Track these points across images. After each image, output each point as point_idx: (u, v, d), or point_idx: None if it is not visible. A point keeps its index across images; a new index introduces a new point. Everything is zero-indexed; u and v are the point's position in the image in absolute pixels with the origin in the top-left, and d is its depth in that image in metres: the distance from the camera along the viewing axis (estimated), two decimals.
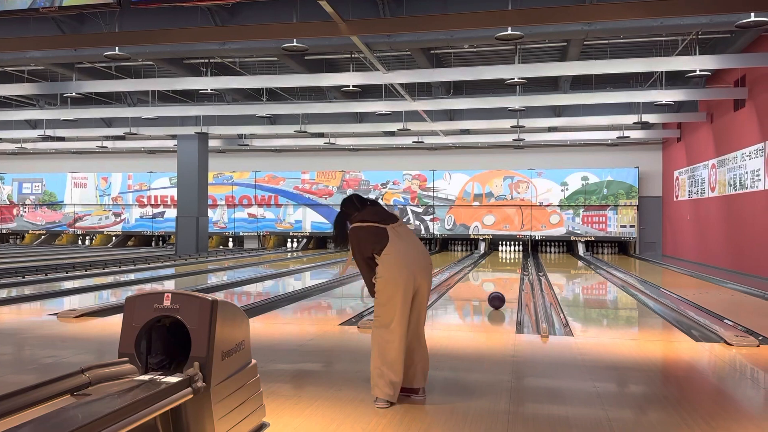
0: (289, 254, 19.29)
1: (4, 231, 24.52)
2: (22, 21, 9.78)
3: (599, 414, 3.60)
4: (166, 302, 2.58)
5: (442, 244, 21.11)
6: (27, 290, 9.42)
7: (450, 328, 6.75)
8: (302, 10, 8.73)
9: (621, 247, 20.02)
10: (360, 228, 3.98)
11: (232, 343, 2.72)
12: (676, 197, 18.09)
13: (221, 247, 22.52)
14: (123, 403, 2.10)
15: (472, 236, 20.51)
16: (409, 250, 3.89)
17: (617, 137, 17.70)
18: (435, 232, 20.65)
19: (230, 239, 22.93)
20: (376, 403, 3.71)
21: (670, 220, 18.87)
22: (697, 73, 11.80)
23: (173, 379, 2.42)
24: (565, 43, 12.07)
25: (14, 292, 9.22)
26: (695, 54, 11.29)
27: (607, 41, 12.25)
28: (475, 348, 5.57)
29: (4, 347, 5.52)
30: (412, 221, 20.84)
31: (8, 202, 24.41)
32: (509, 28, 8.61)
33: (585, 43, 11.76)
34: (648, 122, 16.61)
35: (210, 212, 20.77)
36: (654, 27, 9.79)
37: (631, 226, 19.49)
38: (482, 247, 20.22)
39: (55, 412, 2.01)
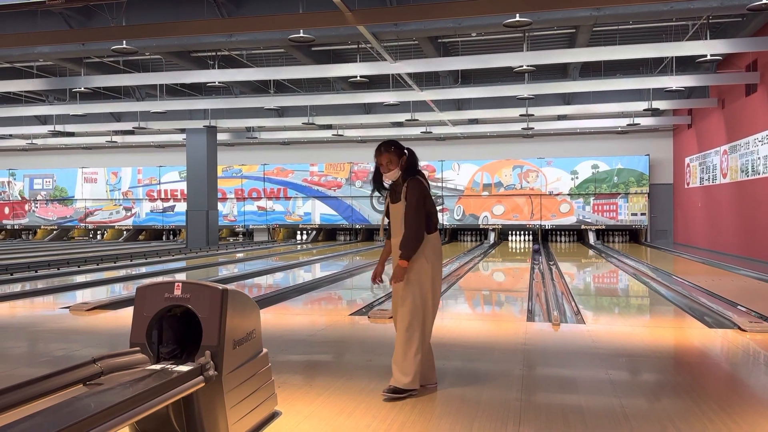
0: (299, 246, 19.33)
1: (16, 227, 24.71)
2: (30, 16, 9.81)
3: (613, 402, 3.57)
4: (177, 292, 2.57)
5: (452, 234, 21.07)
6: (40, 284, 9.48)
7: (460, 318, 6.74)
8: (308, 0, 8.69)
9: (632, 235, 19.90)
10: (426, 184, 3.88)
11: (243, 332, 2.72)
12: (688, 184, 17.94)
13: (231, 239, 22.59)
14: (135, 392, 2.11)
15: (481, 226, 20.46)
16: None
17: (627, 124, 17.57)
18: (444, 223, 20.59)
19: (241, 234, 22.99)
20: None
21: (682, 208, 18.74)
22: (708, 58, 11.65)
23: (185, 368, 2.42)
24: (573, 30, 11.96)
25: (27, 286, 9.30)
26: (706, 38, 11.15)
27: (616, 27, 12.13)
28: (485, 337, 5.55)
29: (17, 340, 5.56)
30: None
31: (20, 198, 24.58)
32: (517, 15, 8.55)
33: (594, 29, 11.64)
34: (658, 109, 16.47)
35: (220, 205, 20.84)
36: (664, 12, 9.68)
37: (642, 214, 19.36)
38: (492, 237, 20.17)
39: (68, 401, 2.01)
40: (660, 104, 15.75)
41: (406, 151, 3.89)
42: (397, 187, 3.87)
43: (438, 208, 21.10)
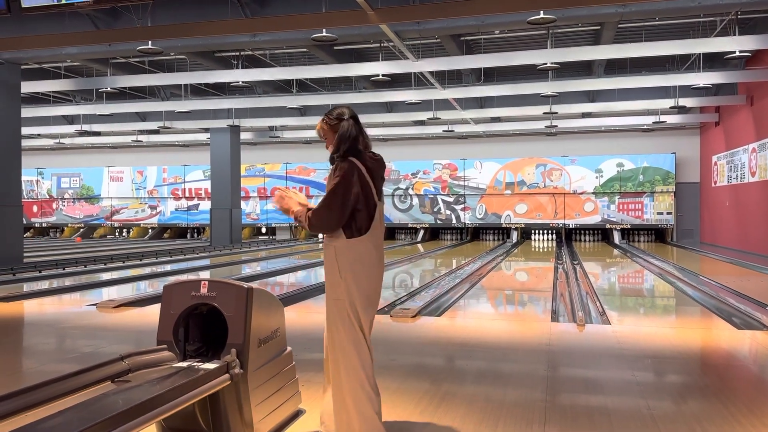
0: (321, 245, 19.39)
1: (44, 225, 25.16)
2: (58, 18, 9.96)
3: (639, 403, 3.53)
4: (203, 290, 2.60)
5: (474, 233, 20.98)
6: (67, 282, 9.64)
7: (483, 318, 6.71)
8: None
9: (658, 234, 19.63)
10: (361, 173, 2.83)
11: (267, 330, 2.73)
12: (715, 183, 17.65)
13: (261, 237, 22.74)
14: (162, 389, 2.13)
15: (504, 225, 20.34)
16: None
17: (653, 122, 17.32)
18: (466, 222, 20.52)
19: (266, 231, 23.16)
20: None
21: (709, 207, 18.44)
22: (736, 54, 11.44)
23: (211, 365, 2.44)
24: (598, 27, 11.82)
25: (55, 283, 9.45)
26: (734, 34, 10.94)
27: (642, 23, 11.96)
28: (509, 337, 5.52)
29: (45, 337, 5.66)
30: (443, 210, 20.74)
31: (48, 197, 25.02)
32: (541, 12, 8.47)
33: (619, 25, 11.50)
34: (685, 106, 16.21)
35: (243, 204, 20.99)
36: (691, 7, 9.51)
37: (668, 213, 19.09)
38: (514, 236, 20.04)
39: (97, 398, 2.04)
40: (687, 102, 15.50)
41: (348, 120, 2.90)
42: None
43: (460, 206, 21.18)
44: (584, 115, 18.35)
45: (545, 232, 20.30)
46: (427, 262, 13.61)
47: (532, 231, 20.46)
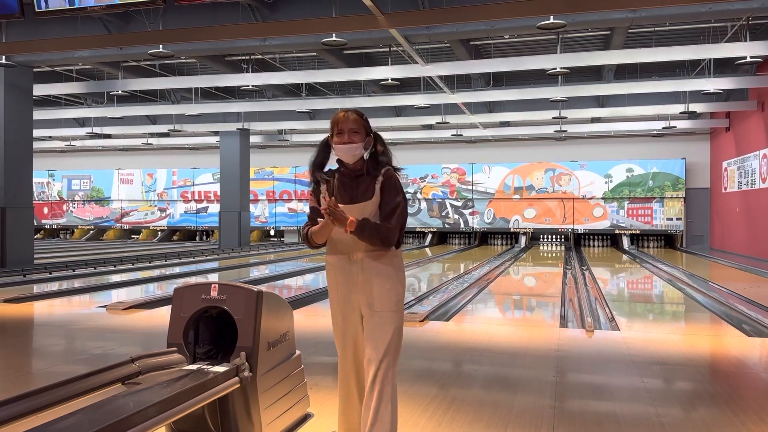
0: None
1: (54, 226, 25.32)
2: (71, 21, 10.04)
3: (648, 410, 3.51)
4: (214, 293, 2.61)
5: (482, 238, 20.94)
6: (77, 283, 9.69)
7: (491, 322, 6.69)
8: (341, 4, 8.74)
9: (667, 240, 19.53)
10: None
11: (277, 334, 2.74)
12: (725, 189, 17.55)
13: (275, 239, 22.80)
14: (172, 392, 2.14)
15: (512, 230, 20.29)
16: None
17: (663, 127, 17.25)
18: (474, 226, 20.49)
19: (271, 233, 23.21)
20: None
21: (719, 213, 18.33)
22: (748, 59, 11.38)
23: (220, 368, 2.45)
24: (608, 32, 11.80)
25: (65, 285, 9.50)
26: (745, 40, 10.90)
27: (652, 28, 11.93)
28: (517, 342, 5.50)
29: (55, 338, 5.69)
30: (451, 215, 20.72)
31: (58, 199, 25.18)
32: (551, 17, 8.46)
33: (629, 30, 11.47)
34: (695, 112, 16.13)
35: (251, 207, 21.05)
36: (702, 13, 9.48)
37: (678, 219, 18.99)
38: (523, 240, 20.00)
39: (107, 400, 2.05)
40: (697, 107, 15.43)
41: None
42: (357, 180, 2.76)
43: (468, 211, 21.14)
44: (593, 120, 18.30)
45: (554, 236, 20.25)
46: (435, 266, 13.59)
47: (541, 236, 20.41)
